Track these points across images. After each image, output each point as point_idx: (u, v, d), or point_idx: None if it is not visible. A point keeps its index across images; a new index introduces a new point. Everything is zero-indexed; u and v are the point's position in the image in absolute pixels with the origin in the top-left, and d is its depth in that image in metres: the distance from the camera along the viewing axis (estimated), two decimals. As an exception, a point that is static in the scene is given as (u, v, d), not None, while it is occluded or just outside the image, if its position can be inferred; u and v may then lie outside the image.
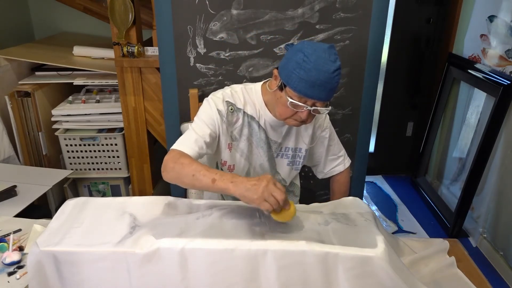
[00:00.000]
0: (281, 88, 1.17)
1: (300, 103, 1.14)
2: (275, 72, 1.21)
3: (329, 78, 1.10)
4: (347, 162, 1.51)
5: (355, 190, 1.99)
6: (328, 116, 1.41)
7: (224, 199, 1.37)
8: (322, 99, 1.13)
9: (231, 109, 1.27)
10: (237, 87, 1.31)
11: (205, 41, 1.73)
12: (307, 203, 1.23)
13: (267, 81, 1.31)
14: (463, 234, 2.43)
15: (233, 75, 1.80)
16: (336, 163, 1.49)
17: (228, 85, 1.33)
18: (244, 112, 1.28)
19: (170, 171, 1.11)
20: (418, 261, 1.16)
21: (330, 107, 1.19)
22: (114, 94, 2.43)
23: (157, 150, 2.30)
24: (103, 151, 2.30)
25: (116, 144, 2.28)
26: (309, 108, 1.15)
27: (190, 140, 1.19)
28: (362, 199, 1.40)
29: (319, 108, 1.16)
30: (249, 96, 1.30)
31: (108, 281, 0.97)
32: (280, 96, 1.18)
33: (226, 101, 1.26)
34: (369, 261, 0.94)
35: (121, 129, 2.26)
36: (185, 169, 1.08)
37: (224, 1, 1.67)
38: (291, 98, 1.14)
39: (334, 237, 1.01)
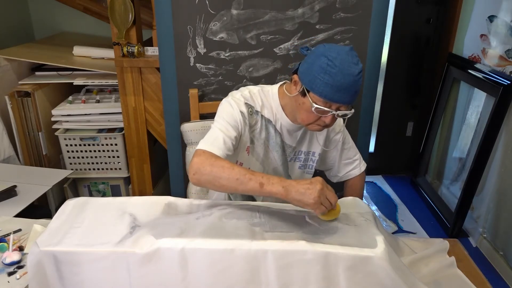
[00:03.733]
0: (303, 93, 1.15)
1: (325, 108, 1.12)
2: (295, 77, 1.18)
3: (353, 81, 1.08)
4: (363, 166, 1.48)
5: (355, 190, 1.99)
6: (342, 120, 1.36)
7: (231, 199, 1.36)
8: (347, 102, 1.12)
9: (251, 112, 1.24)
10: (254, 89, 1.28)
11: (205, 41, 1.73)
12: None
13: (284, 83, 1.28)
14: (463, 234, 2.43)
15: (233, 75, 1.79)
16: (351, 167, 1.46)
17: (228, 85, 1.32)
18: (261, 115, 1.26)
19: (206, 174, 1.06)
20: (418, 261, 1.16)
21: (353, 110, 1.16)
22: (114, 94, 2.43)
23: (157, 150, 2.30)
24: (103, 151, 2.30)
25: (116, 144, 2.28)
26: (334, 112, 1.13)
27: (219, 140, 1.14)
28: (362, 199, 1.40)
29: (343, 111, 1.14)
30: (267, 99, 1.27)
31: (108, 281, 0.97)
32: (303, 102, 1.16)
33: (246, 103, 1.23)
34: (369, 261, 0.94)
35: (121, 129, 2.26)
36: (226, 172, 1.04)
37: (224, 1, 1.67)
38: (316, 104, 1.12)
39: (334, 237, 1.01)
